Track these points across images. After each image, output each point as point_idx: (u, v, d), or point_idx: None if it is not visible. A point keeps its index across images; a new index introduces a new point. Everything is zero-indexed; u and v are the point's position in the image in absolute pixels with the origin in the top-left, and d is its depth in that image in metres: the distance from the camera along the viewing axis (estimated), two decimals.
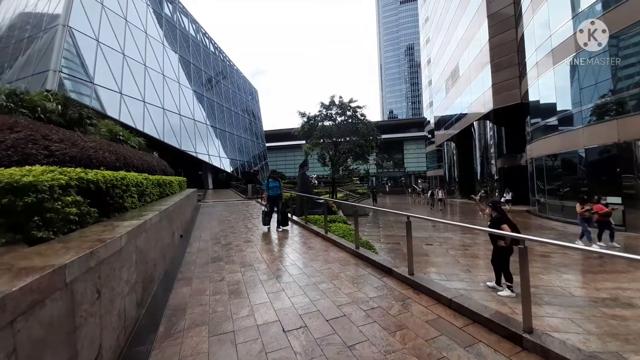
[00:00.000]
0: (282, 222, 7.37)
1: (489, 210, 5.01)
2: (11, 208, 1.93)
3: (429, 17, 43.43)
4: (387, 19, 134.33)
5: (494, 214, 4.90)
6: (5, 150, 2.76)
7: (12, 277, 1.18)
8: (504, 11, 21.68)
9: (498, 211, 4.91)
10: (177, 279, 3.94)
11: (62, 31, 16.11)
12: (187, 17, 31.94)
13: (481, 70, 23.79)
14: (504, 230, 4.34)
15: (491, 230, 4.16)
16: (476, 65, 24.84)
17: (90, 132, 6.87)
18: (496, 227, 4.53)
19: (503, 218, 4.76)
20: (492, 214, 4.94)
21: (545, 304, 4.51)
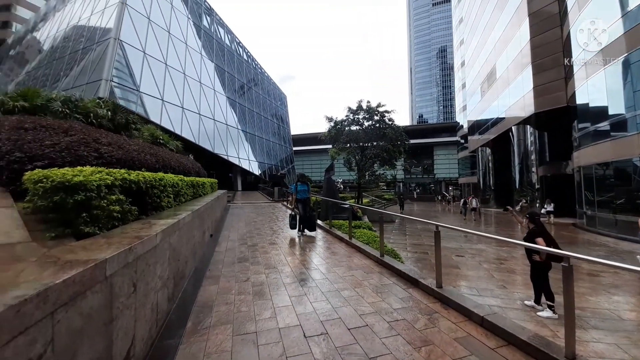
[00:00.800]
0: (309, 227, 7.23)
1: (526, 222, 4.71)
2: (62, 205, 2.14)
3: (463, 18, 41.78)
4: (418, 22, 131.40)
5: (531, 226, 4.60)
6: (60, 151, 3.07)
7: (57, 269, 1.31)
8: (546, 9, 20.20)
9: (535, 223, 4.60)
10: (206, 277, 4.11)
11: (113, 44, 17.80)
12: (224, 27, 33.75)
13: (521, 71, 22.30)
14: (538, 243, 4.08)
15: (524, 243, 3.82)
16: (515, 66, 23.34)
17: (135, 136, 7.45)
18: (531, 241, 4.26)
19: (539, 231, 4.45)
20: (529, 226, 4.63)
21: (591, 327, 4.07)
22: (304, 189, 7.50)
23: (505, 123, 25.74)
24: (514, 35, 23.40)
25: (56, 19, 27.58)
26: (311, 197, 8.22)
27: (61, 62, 22.17)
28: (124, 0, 19.13)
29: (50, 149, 3.08)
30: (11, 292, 1.02)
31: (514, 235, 13.23)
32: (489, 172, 32.64)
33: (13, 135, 3.03)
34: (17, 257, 1.45)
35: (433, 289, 3.52)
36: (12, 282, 1.13)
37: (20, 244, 1.69)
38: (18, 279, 1.16)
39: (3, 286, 1.08)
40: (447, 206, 34.31)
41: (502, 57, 26.21)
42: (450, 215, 25.40)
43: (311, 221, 7.25)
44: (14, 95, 4.63)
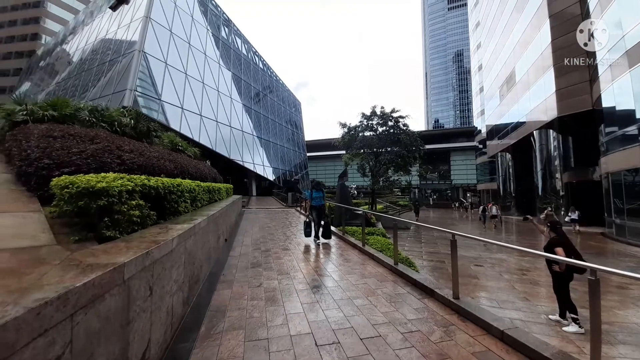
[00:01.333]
0: (325, 235, 7.08)
1: (547, 231, 4.53)
2: (86, 209, 2.25)
3: (480, 22, 41.02)
4: (433, 26, 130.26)
5: (552, 235, 4.42)
6: (86, 158, 3.24)
7: (78, 272, 1.37)
8: (568, 10, 19.50)
9: (556, 232, 4.42)
10: (220, 281, 4.17)
11: (137, 56, 18.74)
12: (240, 37, 34.82)
13: (542, 74, 21.53)
14: (557, 253, 3.95)
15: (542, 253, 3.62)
16: (536, 69, 22.57)
17: (155, 143, 7.76)
18: (550, 250, 4.11)
19: (560, 240, 4.28)
20: (550, 235, 4.45)
21: (619, 343, 3.81)
22: (319, 195, 7.38)
23: (527, 127, 24.82)
24: (534, 38, 22.70)
25: (85, 33, 29.43)
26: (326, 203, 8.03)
27: (89, 73, 23.56)
28: (149, 15, 20.17)
29: (77, 156, 3.25)
30: (33, 295, 1.08)
31: (536, 245, 12.61)
32: (509, 178, 31.45)
33: (42, 143, 3.22)
34: (41, 260, 1.53)
35: (449, 299, 3.40)
36: (35, 284, 1.19)
37: (46, 247, 1.78)
38: (41, 282, 1.22)
39: (26, 289, 1.14)
40: (465, 213, 33.26)
41: (521, 59, 25.44)
42: (469, 222, 24.58)
43: (326, 228, 7.10)
44: (43, 104, 4.94)
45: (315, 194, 7.37)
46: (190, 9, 25.51)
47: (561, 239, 4.35)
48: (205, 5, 28.51)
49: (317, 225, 7.14)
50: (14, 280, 1.22)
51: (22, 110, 4.43)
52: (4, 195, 2.61)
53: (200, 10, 27.33)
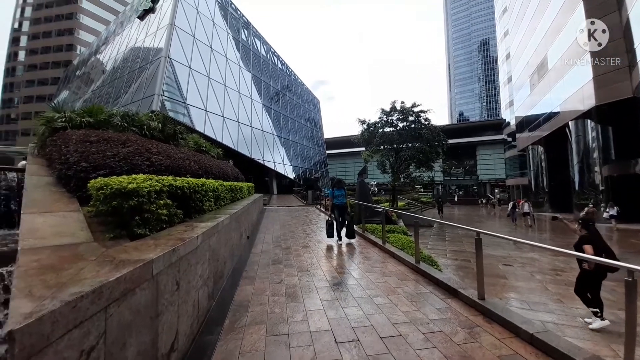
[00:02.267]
0: (348, 234, 6.87)
1: (578, 228, 4.39)
2: (119, 209, 2.42)
3: (507, 8, 38.70)
4: (456, 15, 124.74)
5: (583, 232, 4.27)
6: (118, 161, 3.47)
7: (112, 268, 1.48)
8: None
9: (588, 229, 4.26)
10: (242, 277, 4.31)
11: (164, 62, 19.64)
12: (260, 39, 35.39)
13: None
14: (586, 251, 3.85)
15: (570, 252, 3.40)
16: (570, 55, 20.91)
17: (181, 144, 8.11)
18: (579, 249, 4.01)
19: (589, 237, 4.18)
20: (582, 232, 4.30)
21: None
22: (340, 193, 7.18)
23: (561, 118, 23.14)
24: (567, 22, 21.04)
25: (116, 42, 31.30)
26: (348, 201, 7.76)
27: (121, 80, 25.05)
28: (173, 22, 21.06)
29: (111, 159, 3.49)
30: (70, 289, 1.18)
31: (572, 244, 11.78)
32: (541, 172, 29.54)
33: (80, 148, 3.49)
34: (79, 256, 1.67)
35: (474, 300, 3.28)
36: (72, 279, 1.30)
37: (84, 244, 1.94)
38: (78, 276, 1.33)
39: (64, 284, 1.25)
40: (493, 210, 31.71)
41: (554, 46, 23.70)
42: (497, 220, 23.44)
43: (349, 228, 6.88)
44: (80, 111, 5.33)
45: (337, 192, 7.20)
46: (212, 14, 26.30)
47: (592, 237, 4.20)
48: (226, 10, 29.26)
49: (340, 224, 6.96)
50: (53, 276, 1.34)
51: (60, 117, 4.80)
52: (46, 197, 2.87)
53: (221, 15, 28.09)
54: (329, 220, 6.98)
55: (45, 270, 1.43)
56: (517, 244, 10.41)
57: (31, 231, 2.03)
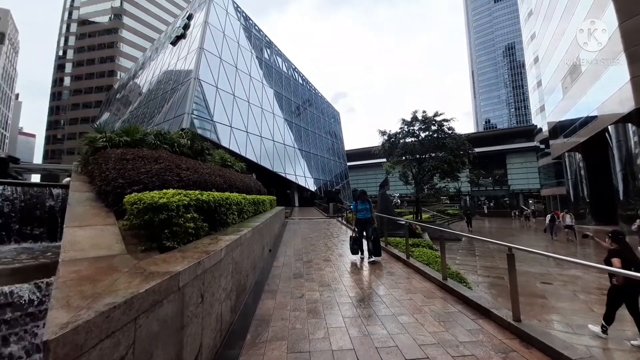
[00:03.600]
0: (374, 252, 6.31)
1: (609, 242, 4.24)
2: (150, 222, 2.56)
3: (532, 10, 37.41)
4: (478, 21, 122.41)
5: (614, 246, 4.11)
6: (151, 177, 3.69)
7: (142, 280, 1.56)
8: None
9: (618, 242, 4.18)
10: (264, 291, 4.33)
11: (193, 83, 20.99)
12: (281, 57, 36.88)
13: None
14: (613, 264, 3.77)
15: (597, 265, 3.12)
16: (605, 56, 19.61)
17: (208, 160, 8.50)
18: (608, 262, 3.89)
19: (618, 251, 4.07)
20: (612, 246, 4.15)
21: None
22: (365, 207, 6.67)
23: (599, 122, 21.49)
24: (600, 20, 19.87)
25: (151, 67, 34.01)
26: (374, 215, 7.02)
27: (155, 101, 27.02)
28: (202, 46, 22.60)
29: (144, 175, 3.73)
30: (104, 299, 1.26)
31: None
32: (581, 181, 27.34)
33: (117, 165, 3.77)
34: (114, 268, 1.79)
35: (509, 322, 3.04)
36: (107, 290, 1.39)
37: (118, 256, 2.07)
38: (112, 288, 1.42)
39: (99, 294, 1.33)
40: (527, 222, 29.59)
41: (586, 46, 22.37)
42: (532, 233, 21.84)
43: (376, 244, 6.31)
44: (119, 132, 5.80)
45: (360, 206, 6.70)
46: (237, 37, 27.93)
47: (622, 250, 4.10)
48: (250, 31, 30.96)
49: (366, 240, 6.48)
50: (90, 286, 1.44)
51: (102, 137, 5.25)
52: (87, 211, 3.11)
53: (245, 36, 29.74)
54: (353, 236, 6.57)
55: (83, 281, 1.54)
56: (557, 260, 9.59)
57: (72, 243, 2.20)
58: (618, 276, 3.81)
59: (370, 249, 6.30)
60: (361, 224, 6.61)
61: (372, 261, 6.17)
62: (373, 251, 6.29)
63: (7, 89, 79.14)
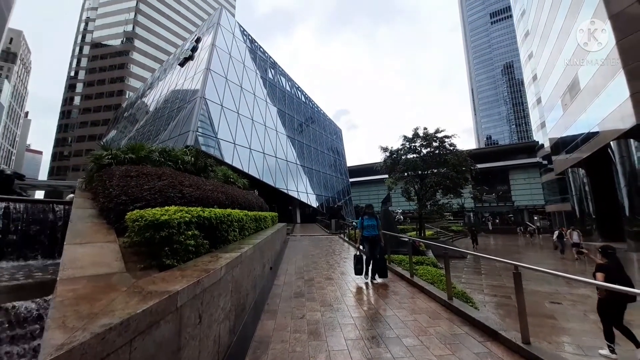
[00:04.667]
0: (380, 272, 5.90)
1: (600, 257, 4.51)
2: (151, 240, 2.55)
3: (529, 31, 38.61)
4: (477, 42, 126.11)
5: (604, 261, 4.43)
6: (154, 194, 3.72)
7: (140, 299, 1.54)
8: (629, 10, 17.48)
9: (607, 257, 4.42)
10: (264, 311, 4.22)
11: (199, 102, 21.54)
12: (285, 76, 37.99)
13: (611, 78, 18.97)
14: (596, 278, 4.02)
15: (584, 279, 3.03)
16: (603, 73, 19.99)
17: (211, 176, 8.56)
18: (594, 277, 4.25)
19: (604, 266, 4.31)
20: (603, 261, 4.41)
21: None
22: (372, 224, 6.12)
23: (601, 138, 21.55)
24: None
25: (159, 86, 35.10)
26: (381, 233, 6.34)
27: (162, 119, 27.65)
28: (209, 66, 23.40)
29: (147, 192, 3.76)
30: (100, 320, 1.23)
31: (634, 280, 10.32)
32: (586, 197, 27.03)
33: (121, 182, 3.81)
34: (112, 286, 1.77)
35: (518, 344, 2.92)
36: (104, 310, 1.37)
37: (117, 274, 2.05)
38: (108, 308, 1.40)
39: (95, 314, 1.31)
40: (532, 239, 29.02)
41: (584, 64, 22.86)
42: (539, 250, 21.37)
43: (382, 264, 5.90)
44: (124, 149, 5.90)
45: (367, 222, 6.15)
46: (242, 58, 28.96)
47: (609, 265, 4.30)
48: (255, 53, 32.12)
49: (370, 259, 6.00)
50: (87, 306, 1.42)
51: (107, 154, 5.34)
52: (88, 228, 3.11)
53: (251, 57, 30.82)
54: (358, 255, 6.08)
55: (80, 301, 1.52)
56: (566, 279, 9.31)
57: (71, 261, 2.19)
58: (600, 290, 4.09)
59: (376, 269, 5.90)
60: (368, 243, 6.11)
61: (378, 282, 5.84)
62: (378, 272, 5.90)
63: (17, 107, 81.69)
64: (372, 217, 6.21)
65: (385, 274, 5.99)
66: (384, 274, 5.95)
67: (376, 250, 5.96)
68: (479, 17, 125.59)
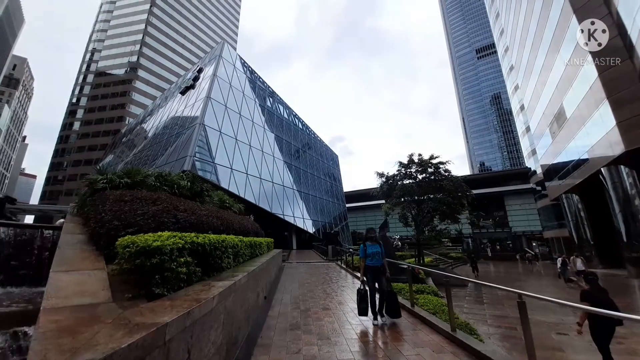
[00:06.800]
0: (391, 311, 4.85)
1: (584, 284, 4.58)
2: (141, 267, 2.44)
3: (514, 65, 41.07)
4: (464, 75, 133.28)
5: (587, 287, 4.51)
6: (147, 219, 3.64)
7: (126, 332, 1.43)
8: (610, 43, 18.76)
9: (589, 283, 4.48)
10: (257, 345, 3.96)
11: (198, 128, 21.95)
12: (282, 104, 39.27)
13: (596, 108, 19.89)
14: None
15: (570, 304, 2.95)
16: (588, 103, 21.00)
17: (207, 201, 8.47)
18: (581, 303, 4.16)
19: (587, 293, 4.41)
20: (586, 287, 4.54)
21: None
22: (376, 251, 5.19)
23: (591, 165, 22.10)
24: (578, 73, 21.70)
25: (159, 113, 35.89)
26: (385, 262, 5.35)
27: (160, 145, 27.93)
28: (209, 95, 24.18)
29: (140, 217, 3.68)
30: (82, 355, 1.14)
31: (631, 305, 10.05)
32: (582, 223, 27.10)
33: (114, 207, 3.74)
34: (97, 318, 1.65)
35: None
36: (86, 344, 1.27)
37: (103, 305, 1.93)
38: (92, 342, 1.30)
39: (77, 349, 1.21)
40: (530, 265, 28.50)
41: (569, 95, 24.08)
42: (541, 277, 20.92)
43: (392, 301, 4.87)
44: (120, 173, 5.87)
45: (370, 249, 5.21)
46: (242, 87, 30.08)
47: (592, 291, 4.36)
48: (254, 83, 33.45)
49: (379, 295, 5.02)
50: (69, 340, 1.32)
51: (102, 179, 5.30)
52: (76, 255, 2.99)
53: (250, 87, 32.04)
54: (362, 290, 4.99)
55: (62, 333, 1.41)
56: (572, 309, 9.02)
57: (56, 290, 2.07)
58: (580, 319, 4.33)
59: (385, 307, 4.88)
60: (371, 274, 5.12)
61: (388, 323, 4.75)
62: (388, 310, 4.84)
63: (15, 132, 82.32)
64: (375, 242, 5.33)
65: (399, 312, 4.91)
66: (397, 312, 4.87)
67: (382, 282, 5.02)
68: (466, 53, 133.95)
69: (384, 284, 5.00)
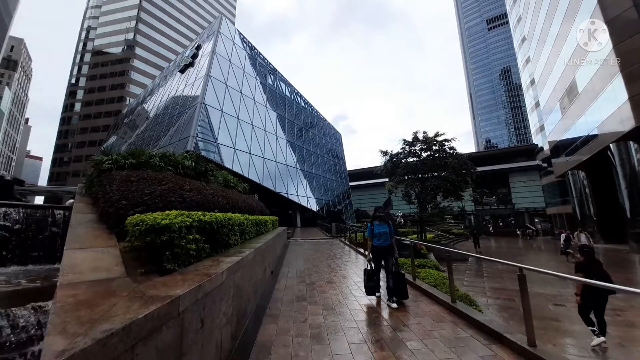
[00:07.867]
0: (398, 292, 4.59)
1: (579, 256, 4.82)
2: (152, 244, 2.52)
3: (526, 37, 39.02)
4: (473, 47, 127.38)
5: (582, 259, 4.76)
6: (154, 198, 3.70)
7: (141, 304, 1.51)
8: (625, 15, 17.70)
9: (584, 256, 4.73)
10: (266, 315, 4.17)
11: (199, 107, 21.65)
12: (284, 82, 38.26)
13: (609, 82, 19.11)
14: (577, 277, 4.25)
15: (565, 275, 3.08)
16: (601, 77, 20.14)
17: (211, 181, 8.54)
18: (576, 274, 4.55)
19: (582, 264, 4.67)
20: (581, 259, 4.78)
21: None
22: (384, 231, 4.93)
23: (600, 141, 21.62)
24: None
25: (159, 93, 35.29)
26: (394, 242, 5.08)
27: (162, 125, 27.75)
28: (209, 73, 23.57)
29: (148, 196, 3.73)
30: (101, 325, 1.20)
31: (632, 279, 10.27)
32: (586, 199, 27.02)
33: (122, 187, 3.79)
34: (112, 292, 1.74)
35: (524, 347, 2.88)
36: (105, 315, 1.34)
37: (117, 279, 2.02)
38: (110, 313, 1.37)
39: (96, 320, 1.28)
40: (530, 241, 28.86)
41: (581, 69, 23.06)
42: (541, 252, 21.27)
43: (400, 282, 4.63)
44: (124, 154, 5.88)
45: (378, 229, 4.96)
46: (242, 64, 29.19)
47: (586, 263, 4.63)
48: (255, 59, 32.39)
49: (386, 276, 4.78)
50: (87, 312, 1.39)
51: (108, 160, 5.33)
52: (88, 233, 3.09)
53: (250, 64, 31.08)
54: (369, 270, 4.91)
55: (80, 306, 1.49)
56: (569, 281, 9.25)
57: (71, 266, 2.16)
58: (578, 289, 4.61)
59: (392, 287, 4.58)
60: (378, 255, 4.93)
61: (396, 305, 4.45)
62: (396, 291, 4.58)
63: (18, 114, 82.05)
64: (383, 222, 5.04)
65: (406, 293, 4.68)
66: (404, 294, 4.64)
67: (389, 262, 4.81)
68: (476, 24, 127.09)
69: (391, 264, 4.78)
